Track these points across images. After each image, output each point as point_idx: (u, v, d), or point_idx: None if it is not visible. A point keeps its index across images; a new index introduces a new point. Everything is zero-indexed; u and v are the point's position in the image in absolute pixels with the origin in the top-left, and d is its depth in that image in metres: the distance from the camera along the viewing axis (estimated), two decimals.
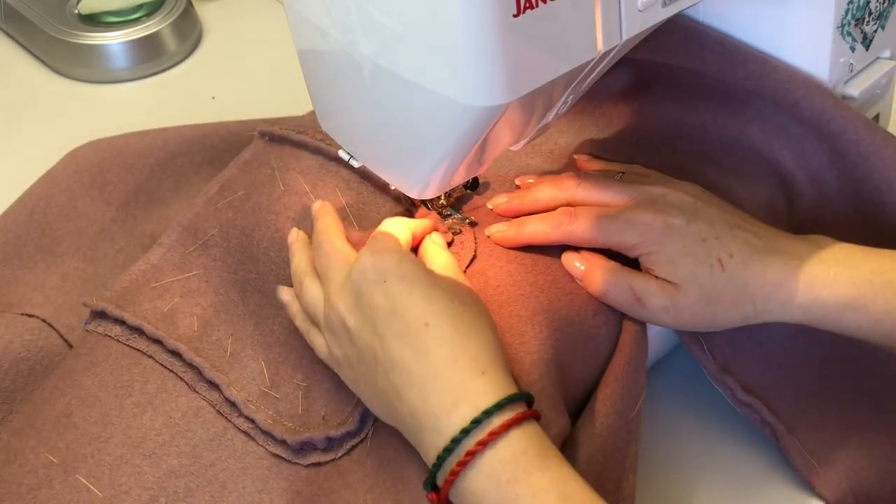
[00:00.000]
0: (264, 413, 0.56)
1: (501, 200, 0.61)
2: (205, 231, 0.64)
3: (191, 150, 0.77)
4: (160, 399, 0.57)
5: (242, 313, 0.61)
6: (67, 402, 0.57)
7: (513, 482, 0.45)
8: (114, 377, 0.58)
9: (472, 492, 0.46)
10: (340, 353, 0.53)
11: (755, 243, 0.54)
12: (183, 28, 0.97)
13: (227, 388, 0.57)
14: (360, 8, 0.46)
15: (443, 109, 0.46)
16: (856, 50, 0.64)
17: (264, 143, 0.67)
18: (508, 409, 0.47)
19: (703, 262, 0.54)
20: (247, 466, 0.54)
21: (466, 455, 0.46)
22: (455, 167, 0.52)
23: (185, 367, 0.58)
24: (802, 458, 0.58)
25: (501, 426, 0.46)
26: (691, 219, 0.55)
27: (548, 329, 0.56)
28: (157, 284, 0.62)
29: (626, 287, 0.56)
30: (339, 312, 0.52)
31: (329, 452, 0.55)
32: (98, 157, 0.75)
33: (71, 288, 0.68)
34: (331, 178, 0.63)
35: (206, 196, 0.65)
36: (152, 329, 0.59)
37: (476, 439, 0.46)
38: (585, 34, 0.46)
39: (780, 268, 0.53)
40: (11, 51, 1.00)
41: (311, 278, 0.56)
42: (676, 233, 0.55)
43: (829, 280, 0.52)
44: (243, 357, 0.59)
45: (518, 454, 0.46)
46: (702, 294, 0.54)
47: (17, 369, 0.62)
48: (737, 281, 0.54)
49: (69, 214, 0.72)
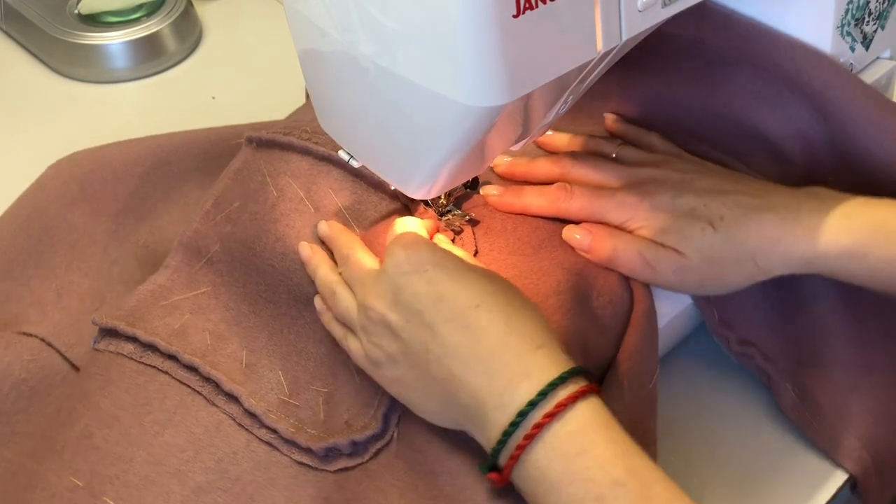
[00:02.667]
0: (286, 422, 0.56)
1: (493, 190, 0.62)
2: (207, 248, 0.63)
3: (179, 158, 0.76)
4: (180, 415, 0.56)
5: (255, 325, 0.60)
6: (86, 424, 0.56)
7: (581, 455, 0.45)
8: (131, 396, 0.57)
9: (537, 466, 0.46)
10: (381, 353, 0.52)
11: (748, 202, 0.55)
12: (183, 28, 0.97)
13: (247, 400, 0.56)
14: (359, 8, 0.46)
15: (443, 109, 0.46)
16: (856, 50, 0.64)
17: (252, 148, 0.66)
18: (572, 382, 0.47)
19: (694, 227, 0.55)
20: (273, 477, 0.54)
21: (534, 428, 0.46)
22: (455, 167, 0.52)
23: (202, 382, 0.58)
24: (794, 402, 0.60)
25: (568, 398, 0.46)
26: (678, 193, 0.57)
27: (559, 312, 0.56)
28: (166, 303, 0.61)
29: (636, 252, 0.57)
30: (379, 311, 0.52)
31: (356, 457, 0.55)
32: (85, 168, 0.73)
33: (68, 303, 0.67)
34: (323, 180, 0.62)
35: (202, 211, 0.65)
36: (166, 345, 0.59)
37: (543, 412, 0.46)
38: (585, 34, 0.46)
39: (777, 223, 0.54)
40: (11, 51, 1.00)
41: (342, 287, 0.56)
42: (663, 209, 0.57)
43: (828, 230, 0.53)
44: (259, 368, 0.58)
45: (585, 426, 0.46)
46: (701, 256, 0.55)
47: (19, 391, 0.61)
48: (732, 240, 0.55)
49: (60, 227, 0.70)
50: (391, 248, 0.53)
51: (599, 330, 0.57)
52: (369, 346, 0.53)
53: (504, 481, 0.48)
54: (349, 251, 0.57)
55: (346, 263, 0.56)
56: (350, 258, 0.56)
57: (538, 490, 0.46)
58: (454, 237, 0.61)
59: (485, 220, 0.62)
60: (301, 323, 0.59)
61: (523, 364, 0.48)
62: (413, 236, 0.54)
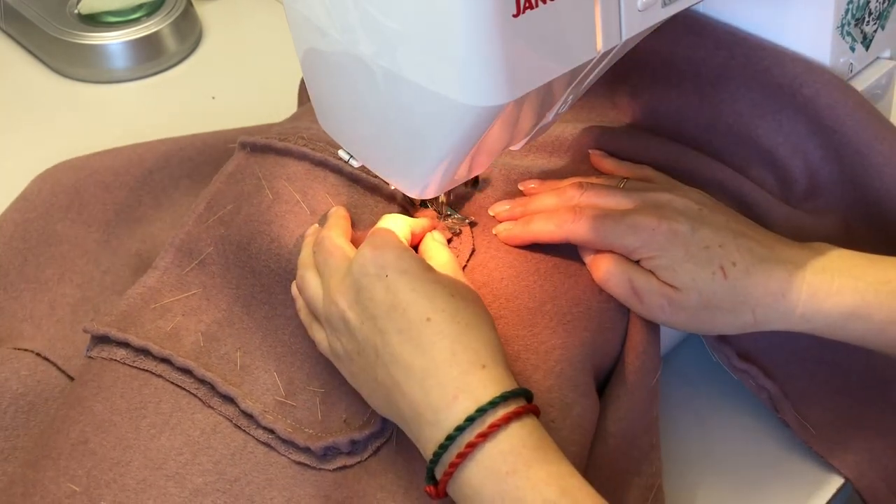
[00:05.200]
0: (283, 422, 0.56)
1: (504, 208, 0.61)
2: (200, 250, 0.63)
3: (168, 165, 0.75)
4: (176, 418, 0.56)
5: (248, 326, 0.60)
6: (81, 430, 0.56)
7: (512, 474, 0.45)
8: (125, 400, 0.57)
9: (470, 485, 0.46)
10: (340, 347, 0.53)
11: (759, 252, 0.54)
12: (183, 28, 0.97)
13: (243, 401, 0.56)
14: (359, 8, 0.46)
15: (443, 109, 0.46)
16: (856, 50, 0.64)
17: (246, 153, 0.66)
18: (509, 403, 0.47)
19: (706, 269, 0.54)
20: (272, 478, 0.54)
21: (467, 447, 0.46)
22: (455, 167, 0.52)
23: (196, 384, 0.58)
24: (798, 422, 0.59)
25: (502, 418, 0.46)
26: (696, 225, 0.55)
27: (558, 315, 0.56)
28: (156, 305, 0.61)
29: (626, 279, 0.56)
30: (339, 307, 0.52)
31: (355, 455, 0.55)
32: (72, 178, 0.73)
33: (62, 315, 0.67)
34: (319, 184, 0.62)
35: (195, 214, 0.64)
36: (159, 348, 0.58)
37: (476, 431, 0.46)
38: (585, 34, 0.46)
39: (783, 277, 0.53)
40: (11, 51, 1.00)
41: (312, 272, 0.56)
42: (680, 239, 0.55)
43: (833, 290, 0.52)
44: (254, 369, 0.58)
45: (518, 447, 0.46)
46: (701, 300, 0.54)
47: (17, 406, 0.61)
48: (738, 290, 0.54)
49: (50, 239, 0.70)
50: (362, 247, 0.53)
51: (607, 325, 0.57)
52: (332, 337, 0.54)
53: (440, 495, 0.48)
54: (326, 234, 0.56)
55: (319, 246, 0.56)
56: (324, 241, 0.55)
57: None
58: (452, 237, 0.60)
59: (484, 222, 0.61)
60: (296, 324, 0.59)
61: (463, 382, 0.48)
62: (385, 236, 0.53)
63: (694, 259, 0.54)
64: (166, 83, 0.95)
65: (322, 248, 0.55)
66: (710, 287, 0.54)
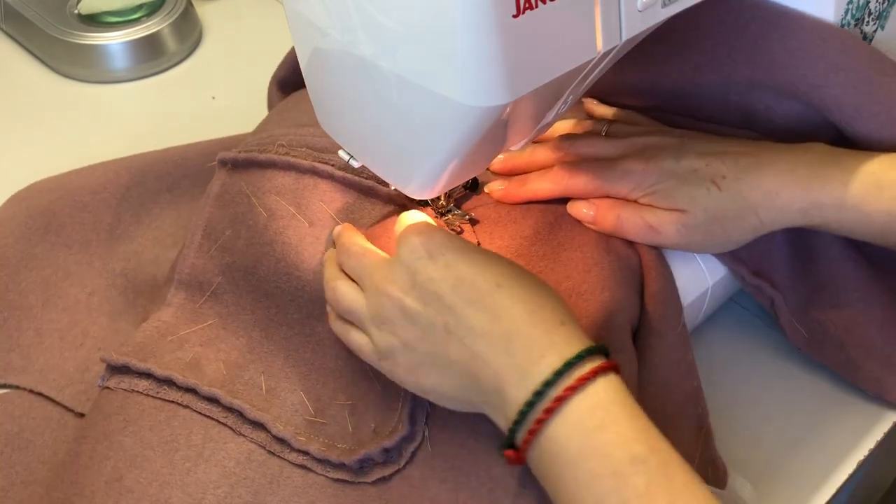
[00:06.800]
0: (316, 442, 0.55)
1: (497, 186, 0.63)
2: (209, 281, 0.62)
3: (145, 180, 0.74)
4: (209, 449, 0.56)
5: (269, 350, 0.60)
6: (114, 466, 0.55)
7: (600, 429, 0.45)
8: (155, 434, 0.56)
9: (557, 441, 0.46)
10: (396, 340, 0.52)
11: (745, 161, 0.57)
12: (183, 28, 0.97)
13: (273, 426, 0.56)
14: (359, 8, 0.46)
15: (443, 109, 0.46)
16: None
17: (227, 170, 0.64)
18: (594, 358, 0.48)
19: (700, 188, 0.57)
20: (313, 500, 0.54)
21: (555, 401, 0.46)
22: (455, 167, 0.52)
23: (224, 413, 0.57)
24: (791, 325, 0.64)
25: (590, 372, 0.47)
26: (679, 155, 0.58)
27: (575, 292, 0.56)
28: (173, 337, 0.60)
29: (639, 218, 0.59)
30: (394, 296, 0.51)
31: (390, 464, 0.54)
32: (47, 199, 0.71)
33: (49, 343, 0.65)
34: (311, 193, 0.62)
35: (193, 245, 0.63)
36: (183, 378, 0.57)
37: (564, 385, 0.46)
38: (585, 34, 0.46)
39: (775, 176, 0.56)
40: (11, 51, 1.00)
41: (343, 282, 0.55)
42: (669, 172, 0.58)
43: (822, 182, 0.55)
44: (280, 391, 0.58)
45: (605, 401, 0.46)
46: (707, 215, 0.57)
47: (13, 445, 0.60)
48: (736, 196, 0.57)
49: (29, 263, 0.68)
50: (405, 235, 0.52)
51: (620, 283, 0.58)
52: (380, 336, 0.52)
53: (521, 459, 0.48)
54: (349, 242, 0.56)
55: (347, 253, 0.55)
56: (351, 248, 0.55)
57: (554, 466, 0.46)
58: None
59: (484, 219, 0.62)
60: (315, 340, 0.59)
61: (548, 340, 0.48)
62: (426, 224, 0.54)
63: (687, 182, 0.58)
64: (166, 83, 0.95)
65: (351, 253, 0.55)
66: (709, 201, 0.57)
